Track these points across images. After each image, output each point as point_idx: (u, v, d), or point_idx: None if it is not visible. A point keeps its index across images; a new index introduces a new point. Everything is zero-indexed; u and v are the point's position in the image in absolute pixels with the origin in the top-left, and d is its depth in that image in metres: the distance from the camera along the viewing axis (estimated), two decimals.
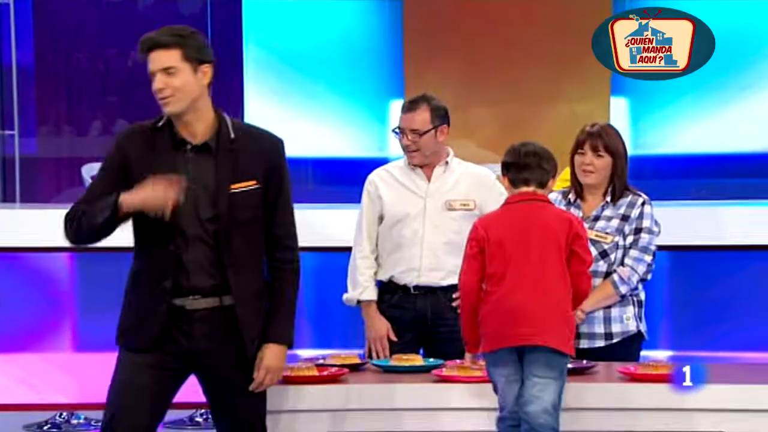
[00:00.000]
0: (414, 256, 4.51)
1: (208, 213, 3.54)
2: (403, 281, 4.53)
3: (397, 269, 4.54)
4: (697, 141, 7.62)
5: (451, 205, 4.53)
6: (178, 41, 3.54)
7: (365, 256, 4.56)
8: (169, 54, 3.53)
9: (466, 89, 7.65)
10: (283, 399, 3.86)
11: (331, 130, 7.47)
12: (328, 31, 7.65)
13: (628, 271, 4.37)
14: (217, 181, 3.55)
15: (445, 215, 4.53)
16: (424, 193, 4.55)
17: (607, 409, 3.88)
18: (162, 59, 3.53)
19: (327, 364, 4.11)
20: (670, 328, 5.55)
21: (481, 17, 7.59)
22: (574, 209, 4.48)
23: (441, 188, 4.56)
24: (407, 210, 4.53)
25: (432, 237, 4.50)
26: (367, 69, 7.68)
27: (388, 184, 4.59)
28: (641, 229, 4.40)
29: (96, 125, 7.80)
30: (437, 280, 4.51)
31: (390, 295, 4.57)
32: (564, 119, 7.48)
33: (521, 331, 3.65)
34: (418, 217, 4.52)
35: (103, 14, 7.74)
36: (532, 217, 3.75)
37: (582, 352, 4.36)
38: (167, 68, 3.53)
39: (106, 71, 7.76)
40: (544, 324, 3.66)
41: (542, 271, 3.69)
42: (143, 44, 3.55)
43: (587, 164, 4.42)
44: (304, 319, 5.52)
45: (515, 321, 3.66)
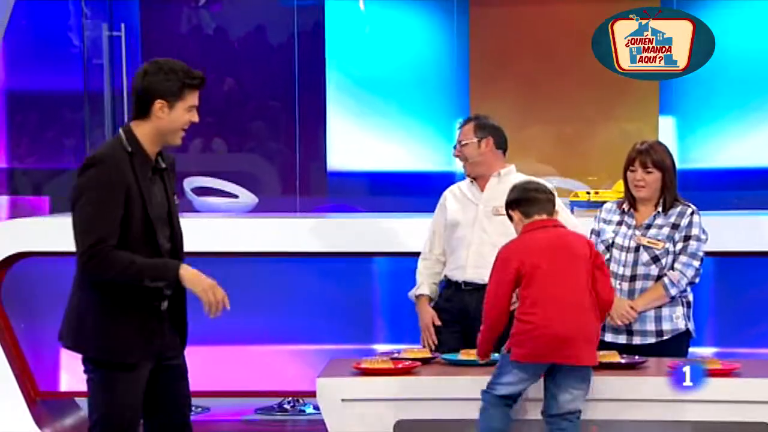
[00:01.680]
0: (462, 255, 4.57)
1: (166, 231, 3.52)
2: (455, 278, 4.57)
3: (450, 267, 4.61)
4: (740, 156, 7.47)
5: (498, 210, 4.54)
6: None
7: (425, 257, 4.68)
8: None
9: (525, 110, 7.58)
10: (361, 389, 3.85)
11: (403, 147, 7.46)
12: (401, 58, 7.64)
13: (678, 275, 4.30)
14: (169, 200, 3.55)
15: (492, 220, 4.56)
16: (477, 201, 4.61)
17: (659, 401, 3.81)
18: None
19: (401, 357, 4.09)
20: (716, 327, 5.44)
21: (539, 46, 7.52)
22: (627, 218, 4.42)
23: (492, 196, 4.60)
24: (462, 216, 4.60)
25: (479, 238, 4.55)
26: (435, 92, 7.64)
27: (454, 196, 4.70)
28: (690, 236, 4.32)
29: (195, 143, 7.87)
30: (482, 277, 4.50)
31: (447, 290, 4.64)
32: (614, 138, 7.38)
33: (563, 353, 3.65)
34: (470, 222, 4.58)
35: (201, 44, 7.82)
36: (556, 242, 3.76)
37: (635, 348, 4.30)
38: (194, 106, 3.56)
39: (205, 95, 7.82)
40: (583, 345, 3.67)
41: (576, 291, 3.69)
42: (202, 81, 3.54)
43: (638, 180, 4.36)
44: (380, 317, 5.51)
45: (557, 344, 3.65)
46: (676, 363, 3.94)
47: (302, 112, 7.73)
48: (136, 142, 3.46)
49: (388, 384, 3.85)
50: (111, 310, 3.40)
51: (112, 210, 3.36)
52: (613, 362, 4.00)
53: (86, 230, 3.36)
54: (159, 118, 3.46)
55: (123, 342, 3.40)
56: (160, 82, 3.45)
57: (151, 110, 3.46)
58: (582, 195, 5.41)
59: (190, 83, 3.49)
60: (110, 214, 3.36)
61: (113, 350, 3.40)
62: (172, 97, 3.46)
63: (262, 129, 7.86)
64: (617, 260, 4.37)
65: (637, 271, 4.34)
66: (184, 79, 3.47)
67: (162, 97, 3.45)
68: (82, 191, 3.39)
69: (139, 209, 3.41)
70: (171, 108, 3.46)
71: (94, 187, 3.37)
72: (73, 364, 5.54)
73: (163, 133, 3.49)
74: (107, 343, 3.40)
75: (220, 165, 7.59)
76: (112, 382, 3.40)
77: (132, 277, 3.37)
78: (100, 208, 3.36)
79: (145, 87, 3.46)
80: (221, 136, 7.85)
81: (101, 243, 3.33)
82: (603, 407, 3.81)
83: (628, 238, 4.38)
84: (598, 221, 4.51)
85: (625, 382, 3.83)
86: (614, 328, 4.35)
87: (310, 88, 7.66)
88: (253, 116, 7.88)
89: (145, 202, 3.42)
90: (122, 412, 3.40)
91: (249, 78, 7.89)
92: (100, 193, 3.36)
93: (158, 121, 3.47)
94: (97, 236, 3.33)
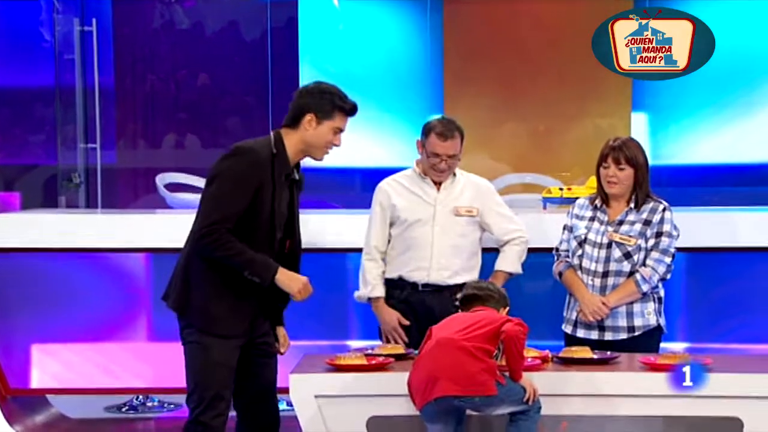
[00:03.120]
0: (424, 256, 4.54)
1: (279, 234, 3.87)
2: (413, 279, 4.55)
3: (407, 268, 4.57)
4: (712, 152, 7.52)
5: (458, 211, 4.59)
6: None
7: (373, 258, 4.61)
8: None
9: (499, 106, 7.61)
10: (334, 385, 3.84)
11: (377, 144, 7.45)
12: (374, 55, 7.64)
13: (649, 271, 4.32)
14: (291, 207, 3.90)
15: (452, 220, 4.58)
16: (433, 200, 4.59)
17: (630, 396, 3.83)
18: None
19: (375, 354, 4.09)
20: (687, 323, 5.48)
21: (514, 42, 7.55)
22: (600, 214, 4.44)
23: (449, 196, 4.61)
24: (418, 215, 4.57)
25: (440, 240, 4.53)
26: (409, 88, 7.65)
27: (399, 193, 4.64)
28: (662, 233, 4.35)
29: (168, 139, 7.84)
30: (444, 279, 4.52)
31: (399, 291, 4.60)
32: (587, 134, 7.42)
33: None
34: (428, 222, 4.54)
35: (174, 41, 7.78)
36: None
37: (606, 343, 4.32)
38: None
39: (177, 91, 7.79)
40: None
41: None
42: (354, 108, 3.91)
43: (611, 176, 4.38)
44: (354, 314, 5.51)
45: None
46: (648, 358, 3.97)
47: (276, 108, 7.71)
48: (282, 146, 3.83)
49: (362, 380, 3.85)
50: (216, 285, 3.77)
51: (237, 199, 3.71)
52: (585, 358, 4.02)
53: (209, 211, 3.73)
54: (306, 129, 3.84)
55: (222, 316, 3.77)
56: (315, 99, 3.85)
57: (301, 122, 3.84)
58: (555, 191, 5.43)
59: (341, 106, 3.86)
60: (234, 202, 3.71)
61: (213, 322, 3.77)
62: (322, 114, 3.84)
63: (236, 125, 7.84)
64: (589, 256, 4.39)
65: (609, 267, 4.36)
66: (338, 101, 3.86)
67: (313, 112, 3.83)
68: (217, 175, 3.75)
69: (267, 208, 3.77)
70: (318, 123, 3.84)
71: (229, 177, 3.72)
72: (44, 361, 5.52)
73: (308, 144, 3.86)
74: (209, 316, 3.77)
75: (193, 161, 7.56)
76: (209, 346, 3.76)
77: (236, 264, 3.73)
78: (227, 196, 3.72)
79: (300, 102, 3.87)
80: (195, 132, 7.82)
81: (217, 224, 3.69)
82: (574, 402, 3.82)
83: (601, 234, 4.40)
84: (570, 217, 4.53)
85: (597, 377, 3.85)
86: (586, 324, 4.38)
87: (283, 84, 7.64)
88: (226, 112, 7.86)
89: (274, 203, 3.77)
90: (217, 370, 3.75)
91: (222, 74, 7.87)
92: (232, 183, 3.72)
93: (305, 132, 3.84)
94: (216, 217, 3.70)
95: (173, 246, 5.29)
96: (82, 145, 7.63)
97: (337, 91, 3.88)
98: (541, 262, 4.74)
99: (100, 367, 5.54)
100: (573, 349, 4.10)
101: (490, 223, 4.64)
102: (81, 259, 5.49)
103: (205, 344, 3.76)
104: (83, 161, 7.66)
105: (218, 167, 3.76)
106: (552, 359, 4.01)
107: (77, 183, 7.52)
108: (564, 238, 4.51)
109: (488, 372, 3.60)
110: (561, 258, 4.52)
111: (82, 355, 5.55)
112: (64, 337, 5.53)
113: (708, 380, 3.79)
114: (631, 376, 3.88)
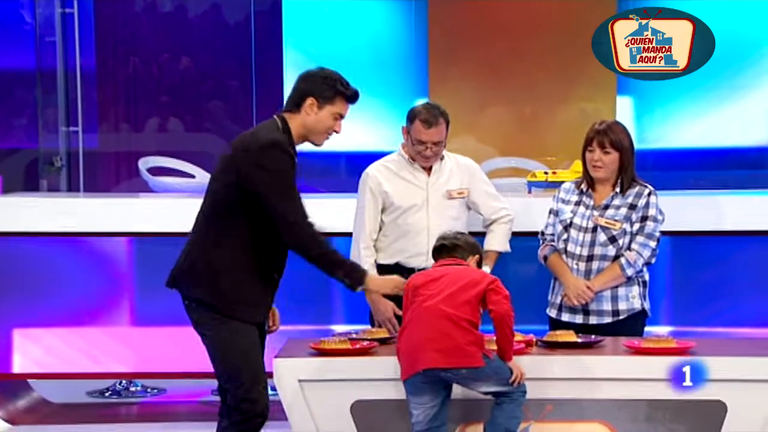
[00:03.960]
0: (420, 242, 4.52)
1: None
2: (411, 264, 4.53)
3: (404, 254, 4.55)
4: (697, 136, 7.54)
5: (450, 194, 4.58)
6: None
7: (367, 246, 4.58)
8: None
9: (484, 90, 7.60)
10: (318, 369, 3.84)
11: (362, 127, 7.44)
12: (359, 37, 7.61)
13: (634, 255, 4.33)
14: None
15: (445, 204, 4.58)
16: (425, 185, 4.58)
17: (615, 380, 3.84)
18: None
19: (359, 338, 4.09)
20: (671, 306, 5.50)
21: (499, 26, 7.53)
22: (586, 198, 4.44)
23: (439, 180, 4.60)
24: (413, 201, 4.55)
25: (435, 224, 4.51)
26: (394, 72, 7.63)
27: (388, 179, 4.61)
28: (647, 217, 4.36)
29: (151, 122, 7.79)
30: None
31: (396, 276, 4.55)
32: (574, 117, 7.42)
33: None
34: (423, 206, 4.54)
35: (156, 23, 7.73)
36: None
37: (591, 327, 4.33)
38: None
39: (160, 74, 7.75)
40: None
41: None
42: (355, 95, 3.89)
43: (596, 160, 4.38)
44: (338, 298, 5.51)
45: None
46: (632, 342, 3.98)
47: (259, 91, 7.69)
48: (288, 130, 3.84)
49: (346, 364, 3.85)
50: (246, 271, 3.79)
51: (296, 190, 3.77)
52: (570, 341, 4.03)
53: (295, 206, 3.73)
54: (307, 114, 3.83)
55: (250, 301, 3.82)
56: (316, 84, 3.84)
57: (302, 106, 3.83)
58: (540, 175, 5.43)
59: (342, 91, 3.85)
60: (297, 194, 3.76)
61: (242, 307, 3.79)
62: (323, 99, 3.83)
63: (219, 108, 7.81)
64: (575, 240, 4.40)
65: (595, 251, 4.37)
66: (339, 87, 3.85)
67: (314, 96, 3.82)
68: (273, 170, 3.72)
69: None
70: (320, 108, 3.83)
71: (280, 167, 3.73)
72: (26, 345, 5.50)
73: (308, 129, 3.85)
74: (238, 301, 3.79)
75: (176, 144, 7.53)
76: (238, 331, 3.78)
77: (327, 263, 3.79)
78: (293, 188, 3.76)
79: (302, 86, 3.85)
80: (177, 115, 7.78)
81: (304, 220, 3.74)
82: (559, 386, 3.83)
83: (586, 219, 4.40)
84: (556, 201, 4.54)
85: (582, 361, 3.86)
86: (571, 308, 4.39)
87: (267, 67, 7.62)
88: (209, 95, 7.82)
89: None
90: (250, 351, 3.78)
91: (206, 57, 7.83)
92: (287, 174, 3.76)
93: (306, 117, 3.83)
94: (300, 214, 3.73)
95: (156, 230, 5.30)
96: (64, 129, 7.59)
97: (339, 77, 3.88)
98: (526, 246, 4.74)
99: (83, 352, 5.53)
100: (557, 332, 4.10)
101: (478, 203, 4.64)
102: (63, 243, 5.46)
103: (235, 329, 3.77)
104: (65, 145, 7.62)
105: (265, 164, 3.72)
106: (536, 343, 4.02)
107: (59, 167, 7.49)
108: (549, 222, 4.52)
109: (476, 344, 3.62)
110: (546, 242, 4.52)
111: (65, 339, 5.54)
112: (46, 322, 5.51)
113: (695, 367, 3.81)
114: (616, 360, 3.89)
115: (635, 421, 3.82)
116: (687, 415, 3.81)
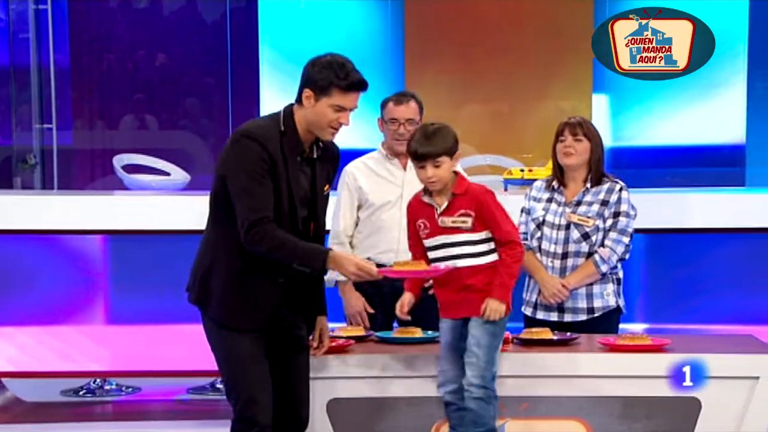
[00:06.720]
0: (392, 238, 4.53)
1: (303, 213, 3.62)
2: (382, 260, 4.51)
3: (375, 250, 4.56)
4: (670, 134, 7.59)
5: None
6: None
7: (341, 242, 4.59)
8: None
9: (461, 87, 7.62)
10: None
11: None
12: (335, 34, 7.61)
13: (608, 252, 4.35)
14: (314, 186, 3.65)
15: None
16: (400, 182, 4.59)
17: (590, 377, 3.86)
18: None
19: (335, 336, 4.09)
20: (646, 304, 5.53)
21: (475, 23, 7.55)
22: (557, 195, 4.46)
23: (415, 177, 4.56)
24: (386, 198, 4.56)
25: None
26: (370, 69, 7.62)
27: (365, 175, 4.63)
28: (619, 213, 4.37)
29: (125, 120, 7.77)
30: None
31: None
32: (549, 115, 7.45)
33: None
34: (396, 203, 4.54)
35: (131, 20, 7.70)
36: None
37: (566, 325, 4.34)
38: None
39: (135, 71, 7.72)
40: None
41: None
42: (353, 85, 3.59)
43: (568, 146, 4.40)
44: None
45: None
46: (607, 339, 4.00)
47: (235, 88, 7.67)
48: (293, 123, 3.58)
49: (322, 362, 3.84)
50: (238, 273, 3.54)
51: (258, 185, 3.47)
52: (545, 339, 4.04)
53: (240, 209, 3.47)
54: (305, 106, 3.58)
55: (242, 308, 3.55)
56: (315, 73, 3.56)
57: (302, 97, 3.58)
58: (516, 173, 5.45)
59: (337, 83, 3.55)
60: (258, 190, 3.47)
61: (233, 315, 3.55)
62: (318, 91, 3.54)
63: (195, 106, 7.79)
64: (548, 238, 4.41)
65: (568, 248, 4.38)
66: (333, 77, 3.54)
67: (310, 87, 3.56)
68: (229, 169, 3.50)
69: (285, 187, 3.53)
70: (316, 100, 3.55)
71: (240, 166, 3.48)
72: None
73: (309, 122, 3.58)
74: (228, 308, 3.55)
75: (151, 142, 7.50)
76: (234, 341, 3.55)
77: (282, 258, 3.50)
78: (248, 186, 3.47)
79: (303, 75, 3.59)
80: (153, 112, 7.76)
81: (264, 219, 3.46)
82: (535, 384, 3.85)
83: (559, 216, 4.42)
84: (528, 199, 4.55)
85: (557, 358, 3.87)
86: (546, 306, 4.40)
87: (243, 64, 7.60)
88: (185, 93, 7.80)
89: (290, 182, 3.53)
90: (249, 366, 3.54)
91: (181, 54, 7.80)
92: (247, 171, 3.47)
93: (305, 110, 3.58)
94: (249, 213, 3.45)
95: (131, 228, 5.28)
96: (38, 126, 7.55)
97: (339, 64, 3.56)
98: None
99: (57, 350, 5.50)
100: (533, 330, 4.12)
101: None
102: (37, 241, 5.43)
103: (229, 339, 3.55)
104: (39, 142, 7.58)
105: (226, 160, 3.53)
106: (512, 341, 4.03)
107: (33, 164, 7.44)
108: (522, 220, 4.53)
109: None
110: None
111: (38, 338, 5.50)
112: (20, 320, 5.48)
113: (666, 361, 3.83)
114: (591, 357, 3.91)
115: (610, 417, 3.84)
116: (662, 412, 3.83)
